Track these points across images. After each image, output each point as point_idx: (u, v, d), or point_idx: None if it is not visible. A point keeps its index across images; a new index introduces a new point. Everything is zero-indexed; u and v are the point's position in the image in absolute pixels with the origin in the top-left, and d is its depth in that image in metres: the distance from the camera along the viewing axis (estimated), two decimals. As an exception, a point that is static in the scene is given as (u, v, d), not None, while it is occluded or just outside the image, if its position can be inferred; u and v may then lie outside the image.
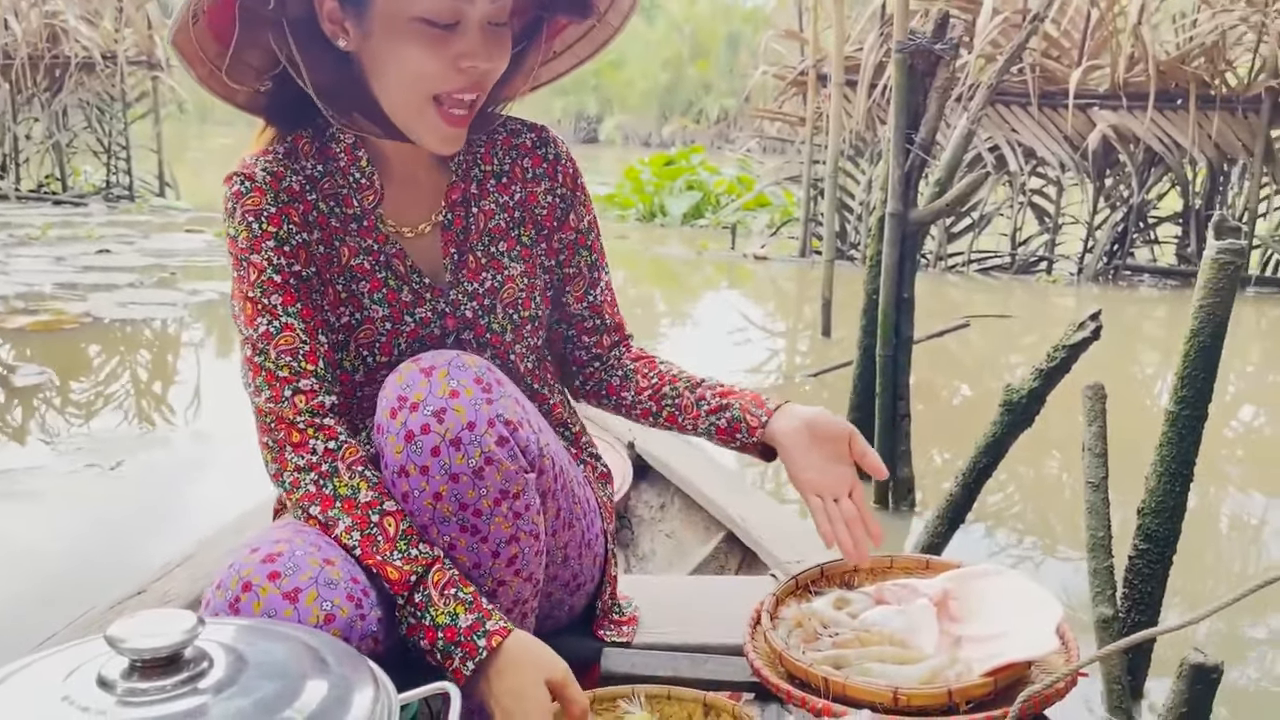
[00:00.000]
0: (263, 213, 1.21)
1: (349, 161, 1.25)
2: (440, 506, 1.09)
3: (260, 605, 1.00)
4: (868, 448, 1.34)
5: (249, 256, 1.20)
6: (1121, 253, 7.91)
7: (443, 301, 1.28)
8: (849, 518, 1.33)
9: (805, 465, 1.32)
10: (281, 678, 0.77)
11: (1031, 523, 3.18)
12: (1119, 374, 5.22)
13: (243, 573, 1.02)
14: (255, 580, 1.01)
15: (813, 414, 1.33)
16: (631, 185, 11.24)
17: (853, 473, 1.34)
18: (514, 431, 1.10)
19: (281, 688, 0.75)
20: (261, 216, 1.21)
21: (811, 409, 1.35)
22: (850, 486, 1.34)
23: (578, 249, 1.39)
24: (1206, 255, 1.63)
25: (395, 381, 1.11)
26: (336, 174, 1.26)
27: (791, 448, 1.32)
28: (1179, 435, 1.68)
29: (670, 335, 5.92)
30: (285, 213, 1.21)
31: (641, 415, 1.42)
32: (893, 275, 2.70)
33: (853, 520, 1.33)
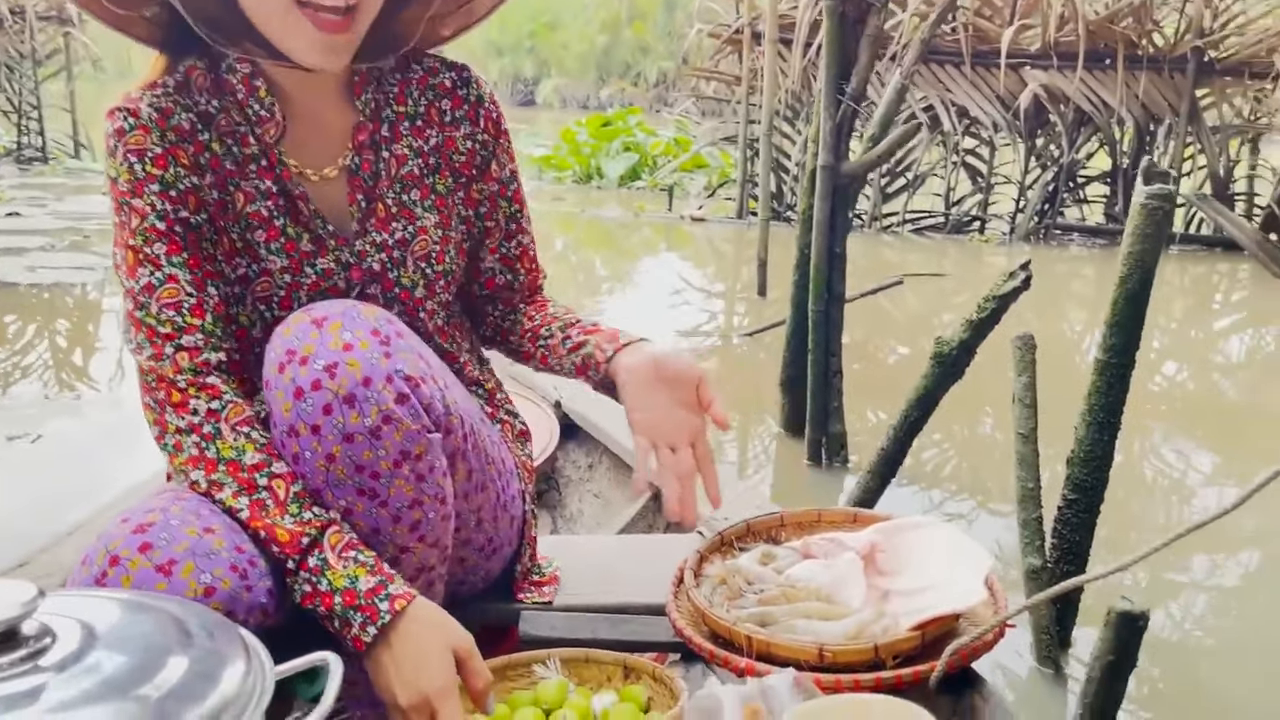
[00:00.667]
0: (147, 153, 1.11)
1: (246, 93, 1.15)
2: (334, 469, 1.01)
3: (130, 580, 0.92)
4: (714, 396, 1.23)
5: (130, 201, 1.11)
6: (1052, 212, 8.01)
7: (348, 252, 1.19)
8: (681, 471, 1.20)
9: (641, 404, 1.20)
10: (138, 653, 0.69)
11: (965, 479, 3.19)
12: (1049, 332, 5.28)
13: (110, 545, 0.93)
14: (124, 553, 0.93)
15: (662, 352, 1.23)
16: (568, 147, 11.08)
17: (698, 422, 1.22)
18: (415, 388, 1.02)
19: (136, 663, 0.68)
20: (145, 157, 1.11)
21: (665, 348, 1.25)
22: (692, 436, 1.21)
23: (498, 200, 1.30)
24: (1135, 201, 1.60)
25: (283, 334, 1.02)
26: (233, 109, 1.16)
27: (628, 384, 1.21)
28: (1108, 384, 1.67)
29: (609, 298, 5.85)
30: (172, 154, 1.12)
31: (524, 357, 1.37)
32: (824, 230, 2.65)
33: (685, 474, 1.20)
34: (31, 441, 2.95)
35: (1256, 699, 2.00)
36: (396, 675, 0.98)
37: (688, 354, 1.24)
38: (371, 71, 1.21)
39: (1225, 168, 7.74)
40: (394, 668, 0.98)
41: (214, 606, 0.93)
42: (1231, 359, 5.20)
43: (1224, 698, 2.04)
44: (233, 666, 0.72)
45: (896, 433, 2.08)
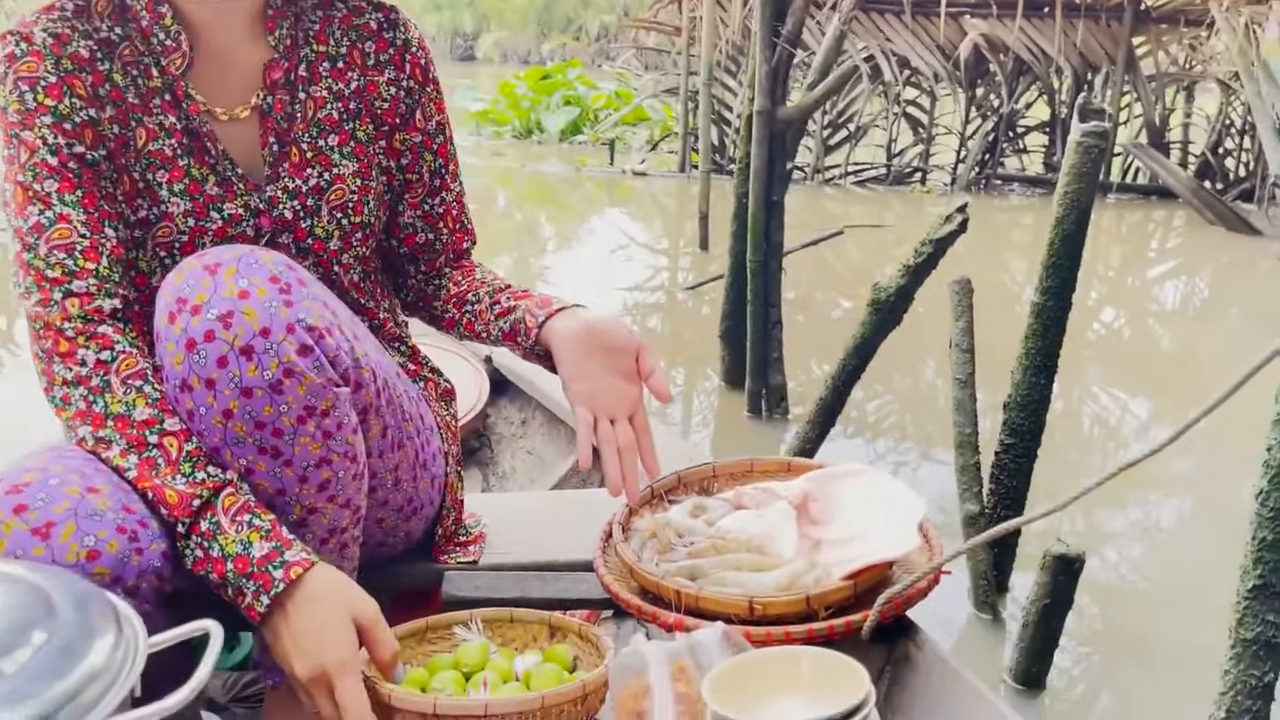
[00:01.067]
0: (40, 82, 1.03)
1: (151, 20, 1.06)
2: (232, 425, 0.93)
3: (3, 546, 0.84)
4: (656, 365, 1.15)
5: (20, 133, 1.03)
6: (992, 162, 8.05)
7: (257, 198, 1.11)
8: (622, 444, 1.13)
9: (579, 374, 1.13)
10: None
11: (909, 428, 3.19)
12: (989, 282, 5.31)
13: None
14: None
15: (600, 319, 1.16)
16: (507, 101, 10.88)
17: (637, 393, 1.15)
18: (319, 339, 0.95)
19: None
20: (38, 86, 1.03)
21: (603, 314, 1.18)
22: (632, 408, 1.15)
23: (422, 152, 1.22)
24: (1071, 139, 1.57)
25: (174, 281, 0.94)
26: (137, 37, 1.07)
27: (564, 351, 1.14)
28: (1044, 327, 1.65)
29: (553, 256, 5.78)
30: (68, 84, 1.03)
31: (447, 324, 1.29)
32: (762, 177, 2.60)
33: (627, 448, 1.13)
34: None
35: (1188, 636, 2.02)
36: (294, 646, 0.92)
37: (625, 321, 1.18)
38: (289, 6, 1.12)
39: (1161, 116, 7.83)
40: (291, 639, 0.92)
41: (99, 571, 0.86)
42: (1166, 306, 5.28)
43: (1157, 636, 2.06)
44: (101, 639, 0.67)
45: (834, 382, 2.05)
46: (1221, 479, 2.90)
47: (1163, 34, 7.64)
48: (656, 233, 6.67)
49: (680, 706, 0.96)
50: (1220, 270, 5.92)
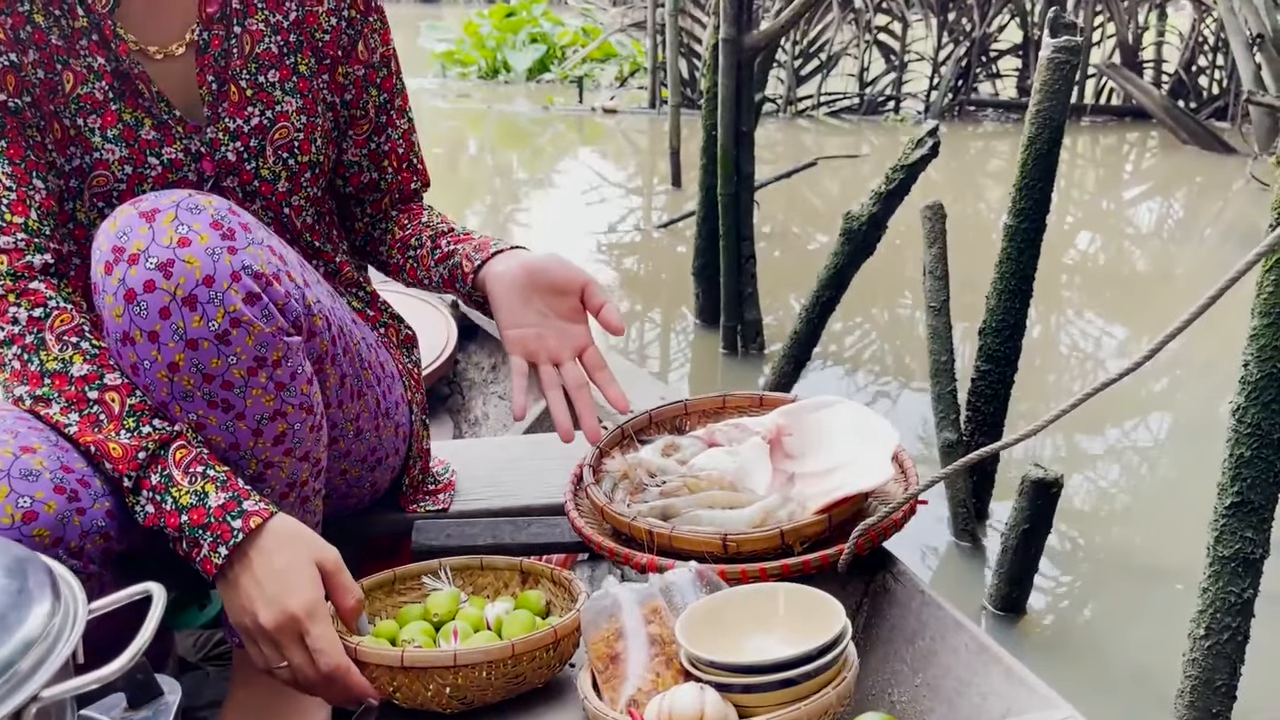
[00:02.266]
0: None
1: None
2: (179, 379, 0.89)
3: None
4: (605, 300, 1.09)
5: None
6: (966, 88, 7.95)
7: (198, 141, 1.06)
8: (572, 384, 1.07)
9: (514, 319, 1.07)
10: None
11: (887, 359, 3.18)
12: (965, 211, 5.28)
13: None
14: None
15: (538, 259, 1.10)
16: (472, 41, 10.64)
17: (583, 331, 1.09)
18: (267, 286, 0.91)
19: (-93, 613, 0.58)
20: None
21: (543, 255, 1.11)
22: (577, 348, 1.09)
23: (366, 86, 1.16)
24: (1042, 56, 1.53)
25: (109, 229, 0.89)
26: None
27: (500, 296, 1.08)
28: (1018, 250, 1.62)
29: (526, 198, 5.68)
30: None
31: (394, 271, 1.23)
32: (730, 108, 2.54)
33: (576, 386, 1.07)
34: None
35: (1167, 555, 2.03)
36: (258, 594, 0.89)
37: (568, 259, 1.11)
38: None
39: (1134, 35, 7.74)
40: (254, 587, 0.89)
41: (37, 534, 0.83)
42: (1142, 228, 5.27)
43: (1136, 556, 2.07)
44: (38, 606, 0.63)
45: (808, 314, 2.03)
46: (1198, 397, 2.91)
47: (1135, -49, 7.54)
48: (629, 171, 6.58)
49: (654, 649, 0.94)
50: (1195, 190, 5.90)
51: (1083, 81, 7.88)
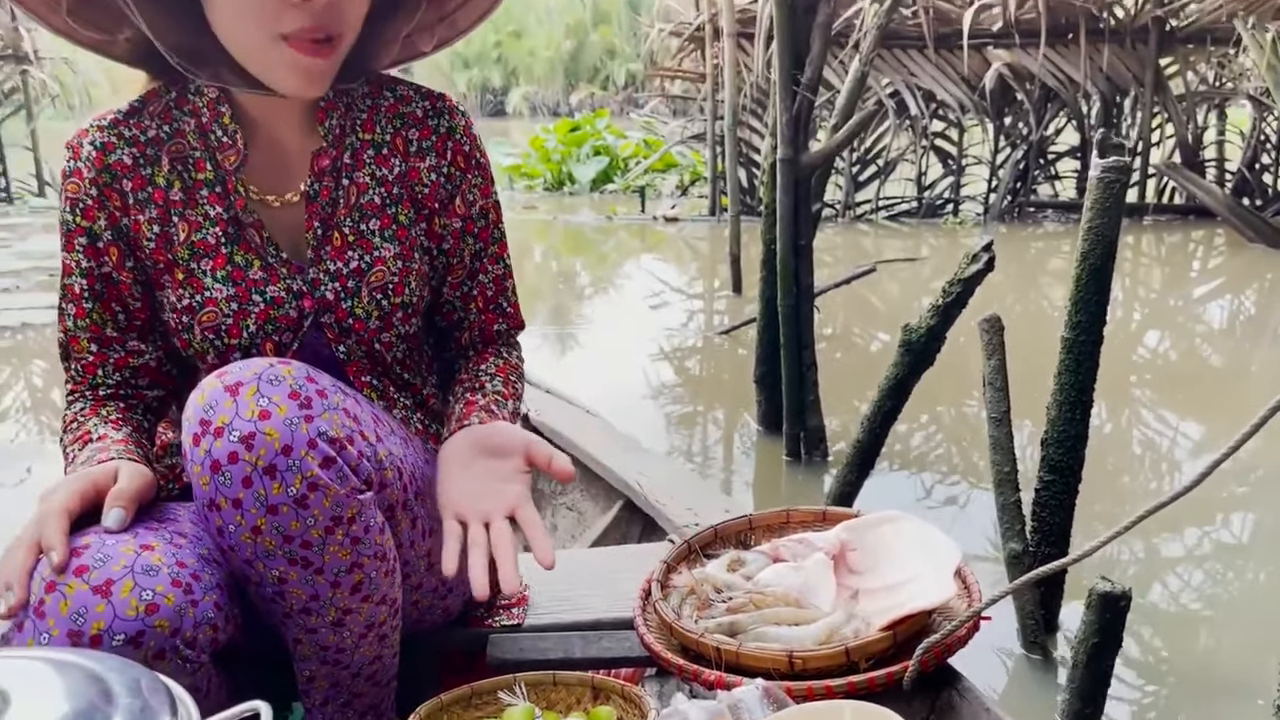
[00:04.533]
0: (79, 203, 1.12)
1: (210, 118, 1.12)
2: (261, 540, 0.96)
3: (68, 605, 0.88)
4: (550, 452, 1.10)
5: (63, 254, 1.15)
6: (1025, 190, 8.02)
7: (300, 280, 1.15)
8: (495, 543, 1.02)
9: (448, 485, 1.08)
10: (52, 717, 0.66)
11: (956, 462, 3.16)
12: (1028, 311, 5.28)
13: (44, 573, 0.90)
14: (59, 579, 0.89)
15: (485, 428, 1.12)
16: (538, 154, 11.05)
17: (518, 491, 1.07)
18: (341, 450, 0.97)
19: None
20: (78, 207, 1.12)
21: (494, 425, 1.13)
22: (509, 507, 1.05)
23: (463, 235, 1.24)
24: (1091, 176, 1.58)
25: (197, 401, 0.97)
26: (190, 134, 1.13)
27: (442, 462, 1.10)
28: (1076, 362, 1.64)
29: (590, 304, 5.83)
30: (106, 198, 1.11)
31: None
32: (788, 224, 2.62)
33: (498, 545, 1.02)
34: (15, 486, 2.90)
35: (1252, 666, 1.98)
36: None
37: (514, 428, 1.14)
38: (340, 97, 1.17)
39: (1194, 135, 7.77)
40: None
41: (158, 624, 0.90)
42: (1213, 326, 5.20)
43: (1218, 668, 2.02)
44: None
45: (870, 424, 2.06)
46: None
47: (1190, 54, 7.61)
48: (690, 277, 6.71)
49: (723, 765, 0.96)
50: (1265, 287, 5.83)
51: (1143, 181, 7.89)
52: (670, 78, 9.12)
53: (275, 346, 1.15)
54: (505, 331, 1.31)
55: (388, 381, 1.22)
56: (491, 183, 1.26)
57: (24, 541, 0.92)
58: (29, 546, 0.92)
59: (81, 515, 0.96)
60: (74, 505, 0.95)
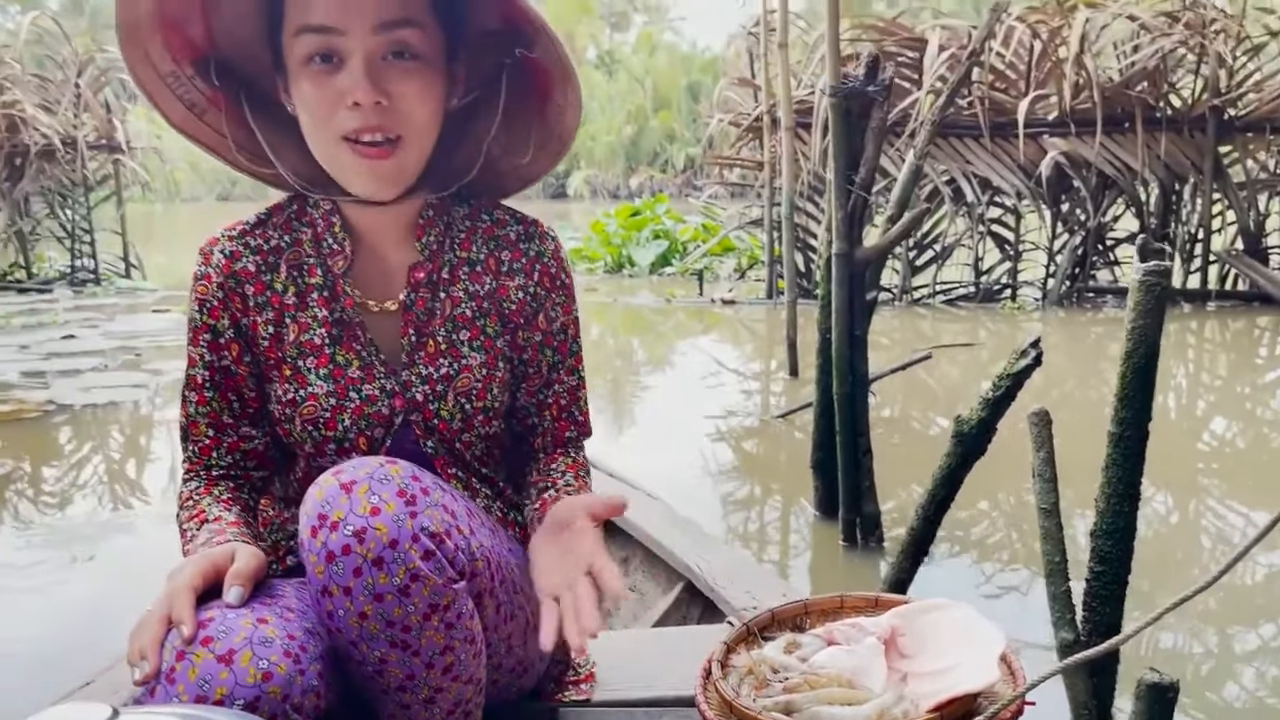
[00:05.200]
0: (206, 303, 1.26)
1: (324, 228, 1.27)
2: (367, 625, 1.06)
3: (195, 672, 0.98)
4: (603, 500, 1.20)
5: (188, 345, 1.29)
6: (1083, 275, 8.01)
7: (394, 381, 1.27)
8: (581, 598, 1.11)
9: (539, 571, 1.17)
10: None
11: (1013, 548, 3.18)
12: (1086, 396, 5.27)
13: (174, 643, 1.01)
14: (188, 649, 1.00)
15: (553, 509, 1.22)
16: (599, 238, 11.33)
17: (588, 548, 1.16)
18: (440, 543, 1.07)
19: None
20: (205, 306, 1.26)
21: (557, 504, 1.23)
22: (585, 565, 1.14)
23: (542, 348, 1.36)
24: (1133, 279, 1.66)
25: (315, 496, 1.08)
26: (307, 242, 1.28)
27: (533, 556, 1.20)
28: (1123, 456, 1.70)
29: (647, 383, 5.93)
30: (230, 300, 1.26)
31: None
32: (844, 314, 2.72)
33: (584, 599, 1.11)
34: (88, 560, 3.04)
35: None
36: None
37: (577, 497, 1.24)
38: (439, 216, 1.30)
39: (1256, 221, 7.73)
40: None
41: (272, 691, 1.00)
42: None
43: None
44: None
45: (924, 512, 2.11)
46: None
47: (1249, 141, 7.63)
48: (747, 358, 6.80)
49: (780, 836, 1.03)
50: (1333, 375, 5.75)
51: (1205, 267, 7.86)
52: (729, 165, 9.34)
53: (368, 441, 1.27)
54: (575, 438, 1.42)
55: (470, 475, 1.33)
56: (573, 301, 1.38)
57: (156, 615, 1.03)
58: (160, 619, 1.02)
59: (204, 592, 1.07)
60: (198, 583, 1.05)
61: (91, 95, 10.16)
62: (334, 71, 1.15)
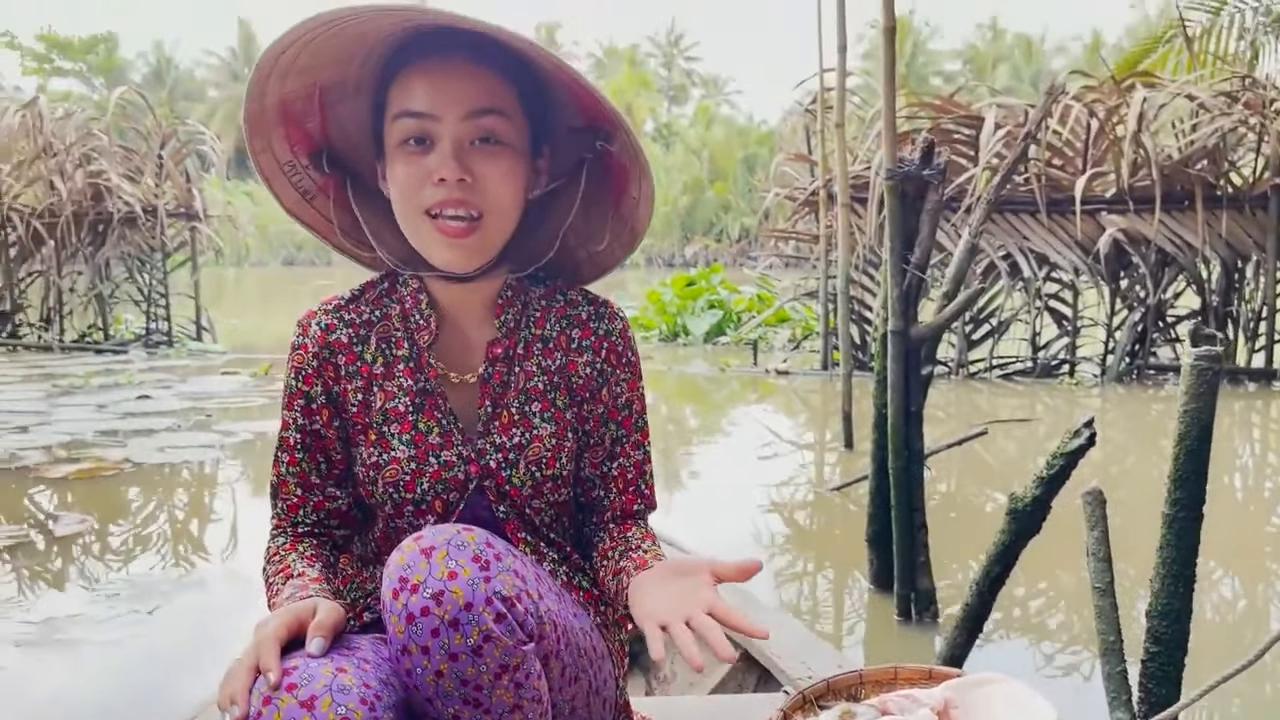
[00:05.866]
0: (302, 370, 1.37)
1: (412, 304, 1.38)
2: (442, 683, 1.13)
3: (280, 716, 1.06)
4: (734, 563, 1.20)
5: (283, 409, 1.40)
6: (1143, 352, 7.93)
7: (469, 449, 1.36)
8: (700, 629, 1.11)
9: (648, 600, 1.20)
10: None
11: (1072, 627, 3.15)
12: (1147, 474, 5.20)
13: (261, 689, 1.08)
14: (274, 694, 1.07)
15: (672, 561, 1.26)
16: (655, 307, 11.48)
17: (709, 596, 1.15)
18: (511, 607, 1.14)
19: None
20: (300, 374, 1.37)
21: (677, 557, 1.28)
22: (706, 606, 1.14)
23: (605, 421, 1.42)
24: (1185, 363, 1.70)
25: (398, 561, 1.16)
26: (395, 317, 1.39)
27: (636, 589, 1.23)
28: (1177, 537, 1.72)
29: (699, 451, 5.97)
30: (324, 369, 1.37)
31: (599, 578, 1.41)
32: (899, 390, 2.77)
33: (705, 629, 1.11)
34: (149, 612, 3.14)
35: None
36: None
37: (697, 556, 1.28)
38: (518, 295, 1.40)
39: (1321, 299, 7.62)
40: None
41: None
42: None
43: None
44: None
45: (979, 587, 2.14)
46: None
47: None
48: (801, 429, 6.82)
49: None
50: (1406, 458, 5.61)
51: (1270, 346, 7.74)
52: (784, 238, 9.46)
53: (444, 504, 1.35)
54: (641, 511, 1.47)
55: (539, 539, 1.40)
56: (638, 378, 1.45)
57: (245, 664, 1.11)
58: (249, 668, 1.10)
59: (289, 642, 1.16)
60: (283, 634, 1.13)
61: (173, 166, 10.64)
62: (425, 152, 1.27)
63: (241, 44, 65.59)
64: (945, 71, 63.01)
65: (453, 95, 1.25)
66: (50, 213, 10.40)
